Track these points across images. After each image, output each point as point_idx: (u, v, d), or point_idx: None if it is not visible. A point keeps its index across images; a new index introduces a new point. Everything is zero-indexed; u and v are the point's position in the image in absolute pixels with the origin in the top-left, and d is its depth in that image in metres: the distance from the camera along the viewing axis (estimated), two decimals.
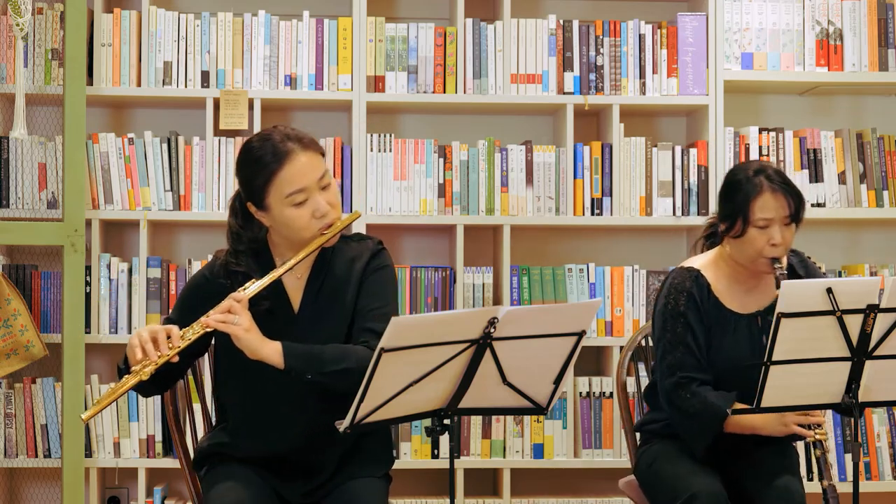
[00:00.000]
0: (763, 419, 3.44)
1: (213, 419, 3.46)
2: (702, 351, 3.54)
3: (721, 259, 3.63)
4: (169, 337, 3.01)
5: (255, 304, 3.10)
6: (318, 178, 3.12)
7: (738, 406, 3.46)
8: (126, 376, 3.00)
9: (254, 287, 3.09)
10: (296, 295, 3.22)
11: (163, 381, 3.19)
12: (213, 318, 3.04)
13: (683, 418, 3.52)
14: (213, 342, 3.29)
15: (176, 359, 3.01)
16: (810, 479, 4.76)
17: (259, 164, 3.12)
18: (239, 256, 3.20)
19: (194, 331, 3.05)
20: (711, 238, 3.71)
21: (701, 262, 3.65)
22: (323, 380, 3.05)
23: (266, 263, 3.19)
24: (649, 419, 3.71)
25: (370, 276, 3.21)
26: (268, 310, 3.14)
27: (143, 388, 3.16)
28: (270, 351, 3.04)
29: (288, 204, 3.10)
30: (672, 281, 3.61)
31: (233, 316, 3.03)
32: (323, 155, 3.18)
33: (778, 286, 3.34)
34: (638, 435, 3.79)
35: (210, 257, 4.68)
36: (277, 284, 3.18)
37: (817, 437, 3.38)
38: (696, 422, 3.49)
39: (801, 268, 3.65)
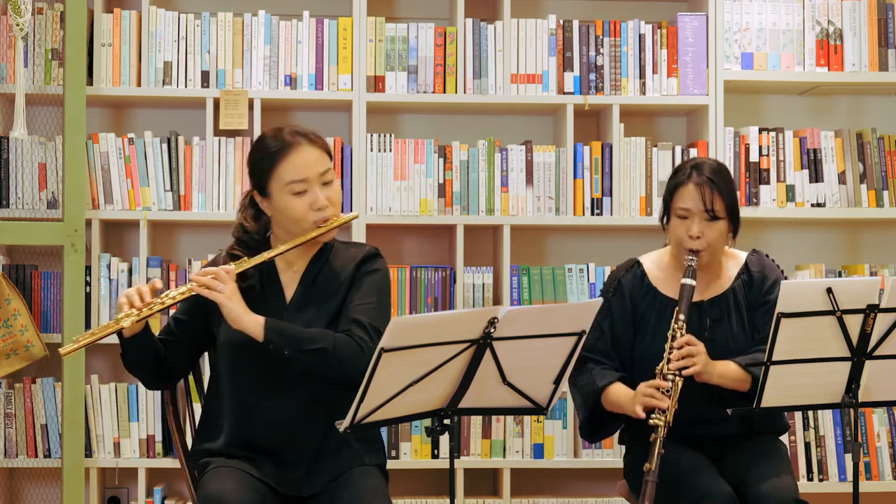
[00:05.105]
0: (626, 397, 3.53)
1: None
2: (614, 338, 3.65)
3: (669, 251, 3.72)
4: (158, 293, 3.18)
5: (245, 282, 3.26)
6: (321, 173, 3.25)
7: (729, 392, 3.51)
8: (107, 322, 3.17)
9: (245, 263, 3.23)
10: (290, 287, 3.32)
11: (165, 372, 3.33)
12: (198, 281, 3.17)
13: (573, 390, 3.66)
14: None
15: (158, 316, 3.20)
16: (810, 479, 4.77)
17: (265, 150, 3.28)
18: (241, 246, 3.33)
19: (180, 291, 3.18)
20: None
21: (650, 254, 3.78)
22: (300, 357, 3.14)
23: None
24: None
25: (362, 276, 3.31)
26: (261, 297, 3.26)
27: (144, 374, 3.33)
28: (252, 321, 3.16)
29: (288, 192, 3.24)
30: (612, 271, 3.80)
31: (217, 283, 3.15)
32: (329, 154, 3.31)
33: (686, 276, 3.52)
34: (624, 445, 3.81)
35: (210, 257, 4.70)
36: (273, 275, 3.32)
37: (653, 421, 3.40)
38: (581, 393, 3.63)
39: (756, 265, 3.67)
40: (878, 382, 3.25)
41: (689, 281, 3.53)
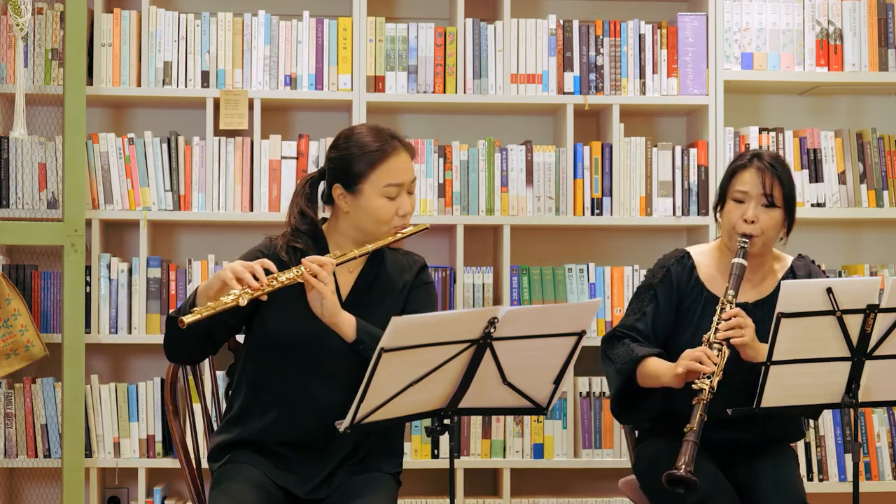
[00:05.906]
0: (665, 366, 3.49)
1: (217, 415, 3.49)
2: (656, 324, 3.62)
3: (718, 248, 3.70)
4: (267, 272, 3.13)
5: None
6: (411, 181, 3.32)
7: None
8: (224, 298, 3.07)
9: (342, 257, 3.22)
10: (345, 287, 3.33)
11: (209, 348, 3.28)
12: (308, 270, 3.13)
13: (606, 362, 3.63)
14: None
15: (265, 297, 3.11)
16: (810, 479, 4.77)
17: (367, 148, 3.29)
18: (300, 235, 3.32)
19: (288, 276, 3.15)
20: None
21: (698, 247, 3.75)
22: None
23: (322, 250, 3.30)
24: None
25: (420, 287, 3.37)
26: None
27: (190, 350, 3.25)
28: (346, 319, 3.18)
29: (381, 194, 3.27)
30: (659, 259, 3.73)
31: (324, 274, 3.14)
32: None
33: (737, 257, 3.51)
34: (636, 432, 3.80)
35: (212, 257, 4.70)
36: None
37: (697, 385, 3.36)
38: (615, 363, 3.58)
39: (803, 269, 3.68)
40: (878, 382, 3.26)
41: (740, 260, 3.52)
